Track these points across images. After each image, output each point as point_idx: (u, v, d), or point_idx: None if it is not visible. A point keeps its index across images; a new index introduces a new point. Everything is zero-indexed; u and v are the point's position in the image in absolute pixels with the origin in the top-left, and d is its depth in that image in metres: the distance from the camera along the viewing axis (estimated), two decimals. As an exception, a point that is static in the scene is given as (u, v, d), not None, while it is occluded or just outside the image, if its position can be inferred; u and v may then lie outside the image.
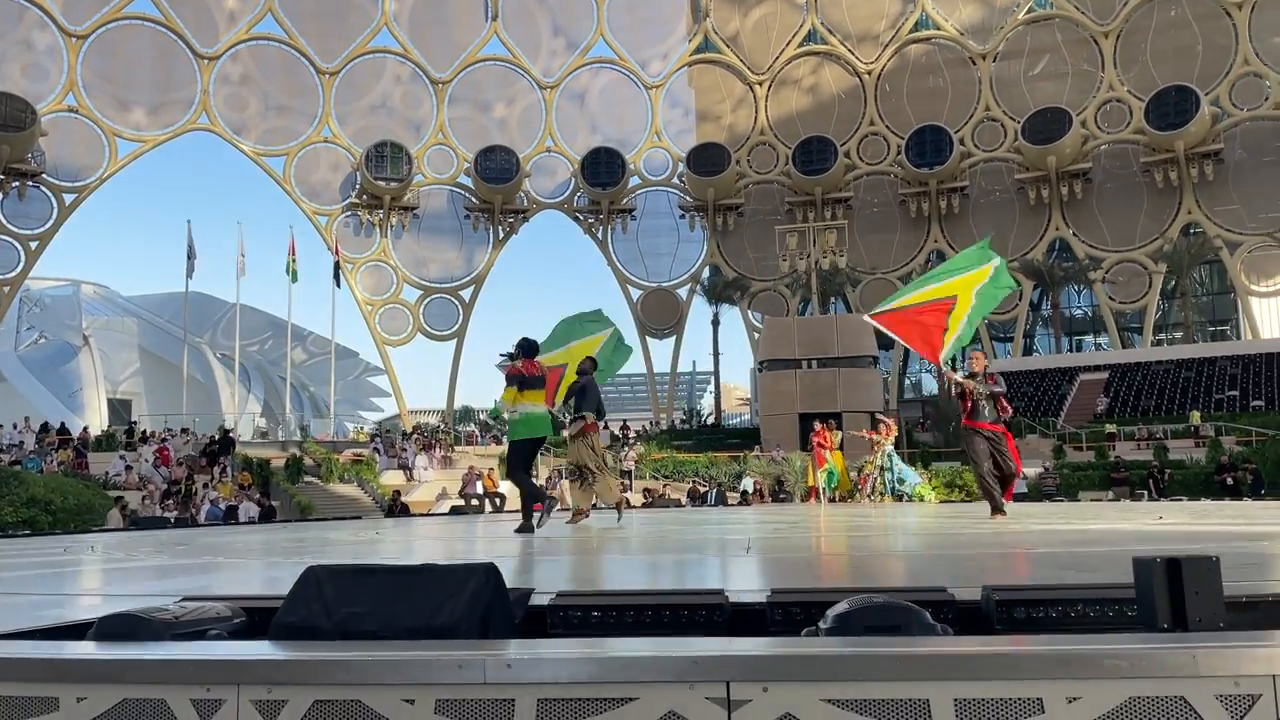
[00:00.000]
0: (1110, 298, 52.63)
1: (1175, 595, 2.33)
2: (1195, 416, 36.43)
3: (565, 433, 11.12)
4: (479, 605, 2.52)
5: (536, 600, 3.02)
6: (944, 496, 22.21)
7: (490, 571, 2.61)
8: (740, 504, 24.71)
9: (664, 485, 30.23)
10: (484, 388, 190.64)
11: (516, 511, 20.32)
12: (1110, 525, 8.52)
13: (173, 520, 13.88)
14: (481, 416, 59.77)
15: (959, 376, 10.53)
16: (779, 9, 56.84)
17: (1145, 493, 24.35)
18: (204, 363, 63.12)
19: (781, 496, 26.32)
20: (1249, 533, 7.28)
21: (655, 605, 2.85)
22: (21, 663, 2.33)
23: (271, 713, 2.18)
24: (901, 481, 18.98)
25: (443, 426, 48.91)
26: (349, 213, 56.00)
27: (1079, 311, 56.81)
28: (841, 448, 21.23)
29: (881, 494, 19.17)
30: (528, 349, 9.78)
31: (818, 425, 22.07)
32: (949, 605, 2.82)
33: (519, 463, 9.85)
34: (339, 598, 2.55)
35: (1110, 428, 37.05)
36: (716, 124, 57.59)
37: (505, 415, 9.80)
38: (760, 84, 56.89)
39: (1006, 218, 53.37)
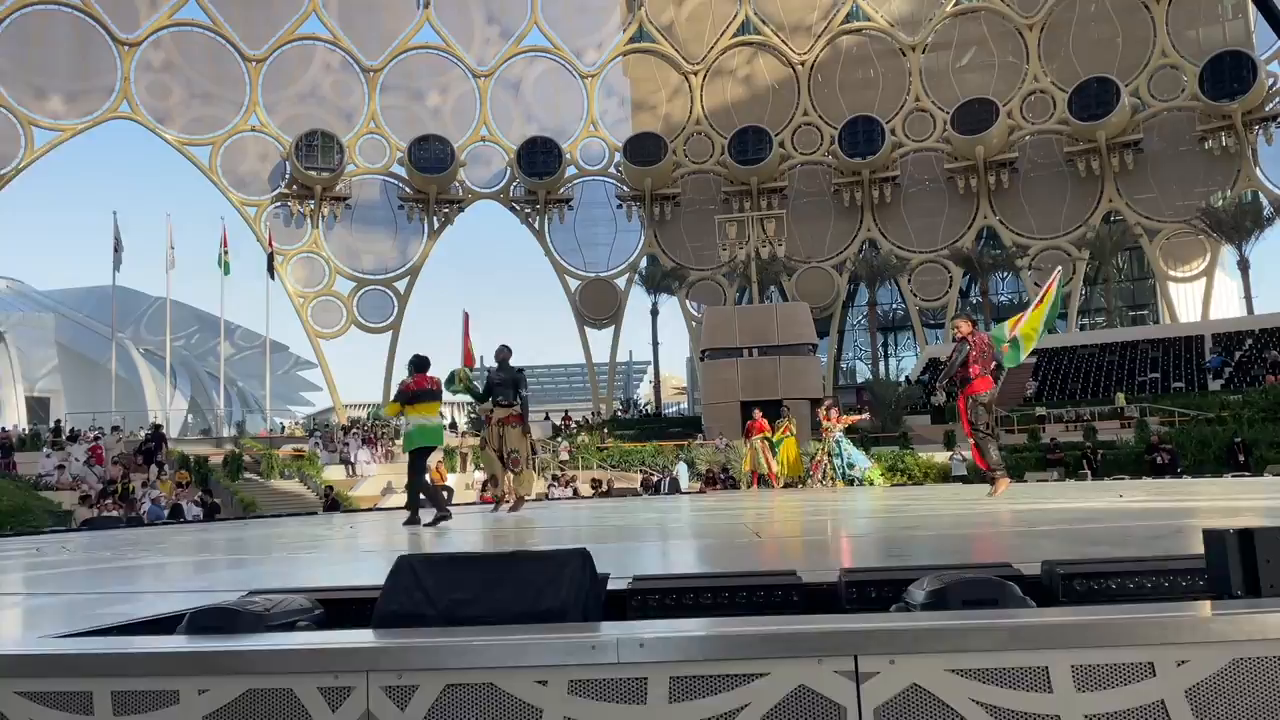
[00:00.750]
0: (1036, 284, 53.98)
1: (1248, 564, 2.47)
2: (1120, 399, 37.63)
3: (494, 416, 11.55)
4: (580, 590, 2.57)
5: (613, 585, 3.06)
6: (890, 481, 22.68)
7: (585, 556, 2.66)
8: (699, 492, 24.76)
9: (610, 475, 30.30)
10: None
11: (472, 504, 20.20)
12: (1087, 504, 8.82)
13: (124, 520, 13.52)
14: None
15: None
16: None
17: (1087, 473, 25.10)
18: (128, 359, 61.41)
19: (732, 483, 26.56)
20: (1236, 507, 7.60)
21: (731, 587, 2.92)
22: (137, 657, 2.31)
23: (403, 698, 2.20)
24: (851, 466, 19.31)
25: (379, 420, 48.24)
26: (278, 203, 54.92)
27: (1006, 298, 58.22)
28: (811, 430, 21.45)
29: (833, 478, 19.51)
30: (418, 364, 10.25)
31: (757, 414, 22.30)
32: (1016, 580, 2.93)
33: (418, 467, 10.18)
34: (440, 586, 2.57)
35: (1040, 410, 38.11)
36: (652, 114, 57.69)
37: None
38: (695, 74, 57.13)
39: (936, 207, 54.49)
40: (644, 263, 57.26)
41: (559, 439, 34.76)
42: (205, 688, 2.25)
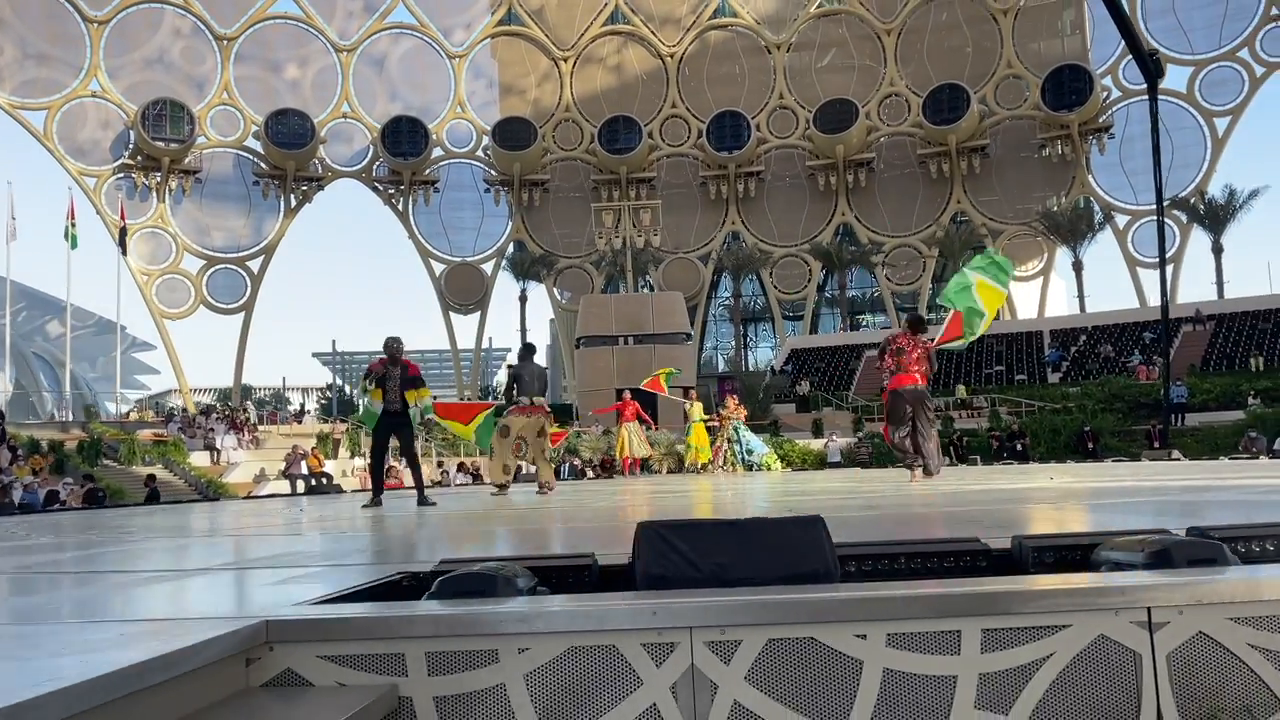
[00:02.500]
0: (889, 279, 56.48)
1: None
2: (961, 390, 39.74)
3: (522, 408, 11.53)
4: (832, 553, 2.68)
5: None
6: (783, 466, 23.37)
7: (822, 523, 2.77)
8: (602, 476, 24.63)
9: (474, 463, 29.98)
10: (273, 364, 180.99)
11: (364, 490, 19.71)
12: (1036, 485, 9.40)
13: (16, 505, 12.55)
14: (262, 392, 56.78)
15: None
16: (584, -14, 57.04)
17: (961, 460, 26.41)
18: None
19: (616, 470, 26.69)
20: (1180, 485, 8.26)
21: (923, 553, 3.08)
22: (449, 618, 2.29)
23: (726, 652, 2.27)
24: (750, 452, 19.85)
25: (240, 404, 46.23)
26: (121, 174, 51.75)
27: (860, 292, 60.57)
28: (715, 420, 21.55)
29: (733, 464, 20.00)
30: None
31: (627, 394, 22.04)
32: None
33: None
34: (697, 550, 2.64)
35: (898, 400, 39.81)
36: (521, 98, 57.19)
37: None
38: (565, 60, 56.93)
39: (797, 202, 56.15)
40: (511, 248, 56.77)
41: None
42: (526, 646, 2.27)
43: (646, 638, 2.26)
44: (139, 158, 51.44)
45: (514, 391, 11.63)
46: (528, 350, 12.23)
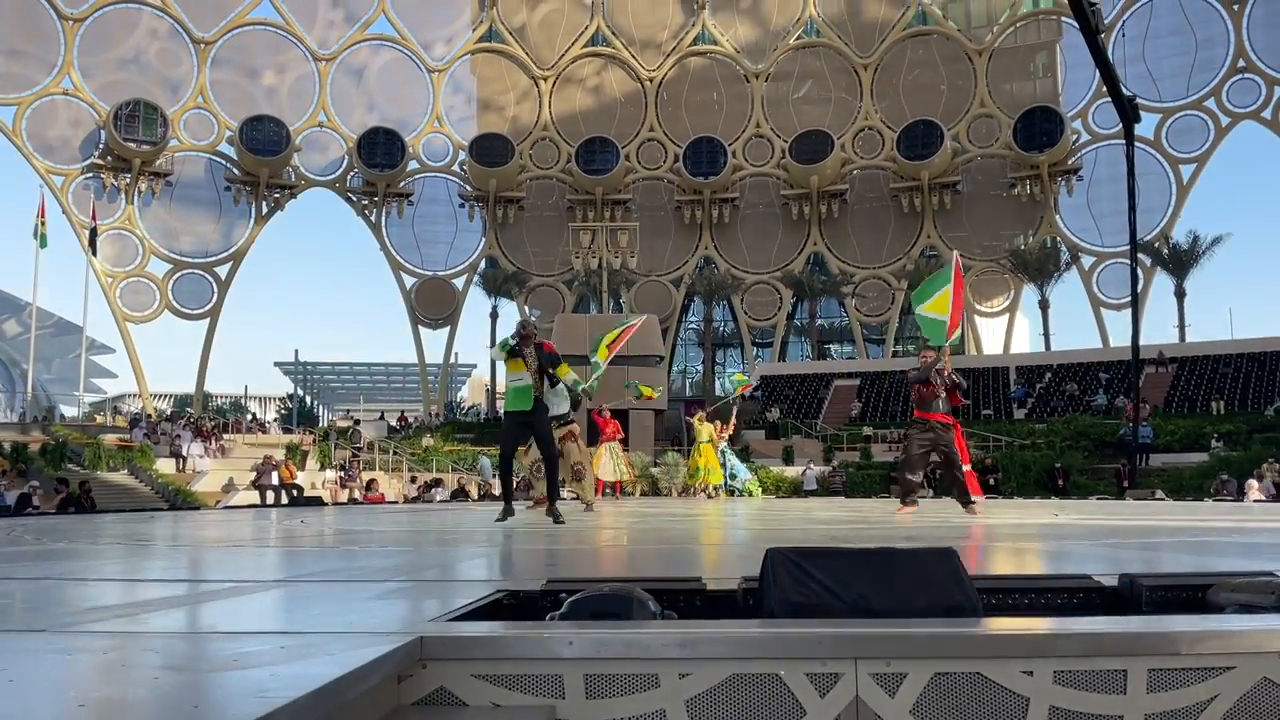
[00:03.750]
0: (858, 310, 56.96)
1: None
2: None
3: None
4: (972, 586, 2.65)
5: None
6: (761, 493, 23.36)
7: (956, 555, 2.74)
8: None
9: (460, 479, 29.77)
10: (237, 371, 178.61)
11: (345, 503, 19.38)
12: (1044, 521, 9.45)
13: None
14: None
15: (943, 363, 10.75)
16: (566, 7, 57.24)
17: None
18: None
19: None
20: (1198, 526, 8.35)
21: (1037, 589, 3.06)
22: (611, 640, 2.23)
23: (892, 685, 2.23)
24: (734, 476, 19.81)
25: (206, 411, 45.56)
26: (90, 174, 50.95)
27: (828, 322, 60.97)
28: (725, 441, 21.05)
29: (717, 488, 19.93)
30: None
31: (607, 412, 21.36)
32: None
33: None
34: (835, 579, 2.59)
35: (867, 429, 40.13)
36: (499, 115, 57.16)
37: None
38: (545, 79, 57.03)
39: (771, 230, 56.54)
40: (484, 264, 56.56)
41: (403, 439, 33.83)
42: (687, 672, 2.21)
43: (811, 667, 2.22)
44: (109, 158, 50.72)
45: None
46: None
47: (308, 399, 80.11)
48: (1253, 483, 22.35)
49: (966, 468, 10.62)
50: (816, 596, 2.56)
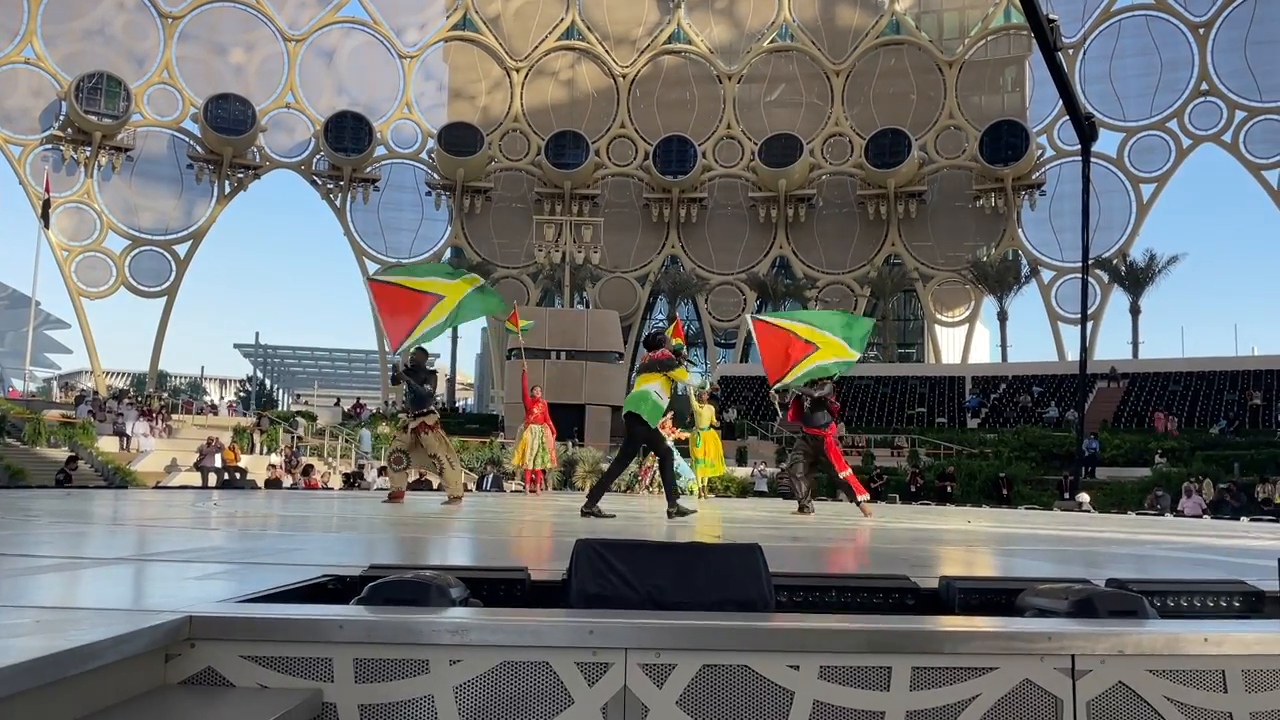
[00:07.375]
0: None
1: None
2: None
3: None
4: (769, 582, 2.69)
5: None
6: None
7: (759, 551, 2.78)
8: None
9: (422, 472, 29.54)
10: (192, 352, 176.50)
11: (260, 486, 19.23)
12: (955, 527, 9.57)
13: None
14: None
15: (774, 390, 11.50)
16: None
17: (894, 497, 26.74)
18: None
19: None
20: (1094, 537, 8.47)
21: (854, 588, 3.12)
22: (383, 625, 2.24)
23: (660, 676, 2.26)
24: (678, 475, 19.74)
25: (155, 391, 44.99)
26: (49, 145, 50.16)
27: (792, 325, 61.15)
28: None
29: (660, 486, 19.88)
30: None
31: (537, 392, 18.58)
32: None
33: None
34: (635, 571, 2.62)
35: (823, 435, 40.31)
36: (470, 104, 56.91)
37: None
38: (517, 70, 56.84)
39: (738, 231, 56.73)
40: (448, 254, 56.27)
41: (361, 427, 33.63)
42: (458, 658, 2.23)
43: (581, 656, 2.24)
44: (69, 130, 49.98)
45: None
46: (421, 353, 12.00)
47: (267, 382, 79.37)
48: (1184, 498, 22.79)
49: (847, 472, 11.37)
50: (613, 588, 2.59)
